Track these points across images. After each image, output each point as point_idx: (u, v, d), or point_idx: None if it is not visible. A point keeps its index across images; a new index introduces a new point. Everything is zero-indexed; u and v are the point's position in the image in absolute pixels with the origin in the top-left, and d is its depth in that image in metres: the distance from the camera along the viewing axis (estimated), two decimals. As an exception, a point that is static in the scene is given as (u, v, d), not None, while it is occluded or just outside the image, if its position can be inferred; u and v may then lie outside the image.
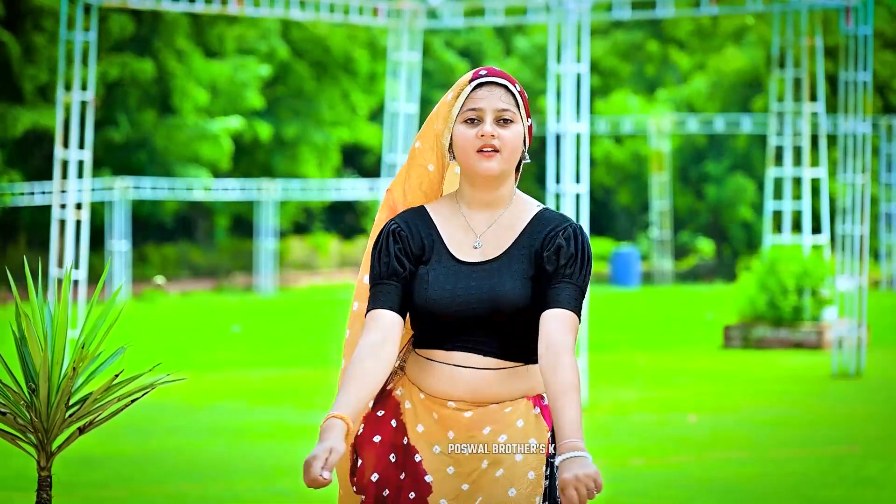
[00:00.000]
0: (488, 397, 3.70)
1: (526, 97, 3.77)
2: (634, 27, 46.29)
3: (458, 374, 3.70)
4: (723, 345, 19.67)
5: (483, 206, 3.76)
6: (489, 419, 3.69)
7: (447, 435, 3.71)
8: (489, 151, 3.68)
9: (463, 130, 3.71)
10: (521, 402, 3.72)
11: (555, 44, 13.87)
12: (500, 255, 3.72)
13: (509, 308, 3.67)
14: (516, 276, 3.69)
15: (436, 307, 3.69)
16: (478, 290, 3.68)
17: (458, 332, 3.70)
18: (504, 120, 3.71)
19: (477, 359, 3.69)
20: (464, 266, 3.72)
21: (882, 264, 36.50)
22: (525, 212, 3.77)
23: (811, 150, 21.16)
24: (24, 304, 3.83)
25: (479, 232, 3.75)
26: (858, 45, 16.14)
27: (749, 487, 9.12)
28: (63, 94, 15.71)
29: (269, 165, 40.00)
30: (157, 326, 23.62)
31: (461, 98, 3.72)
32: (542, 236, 3.72)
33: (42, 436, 3.76)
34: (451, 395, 3.71)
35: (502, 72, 3.75)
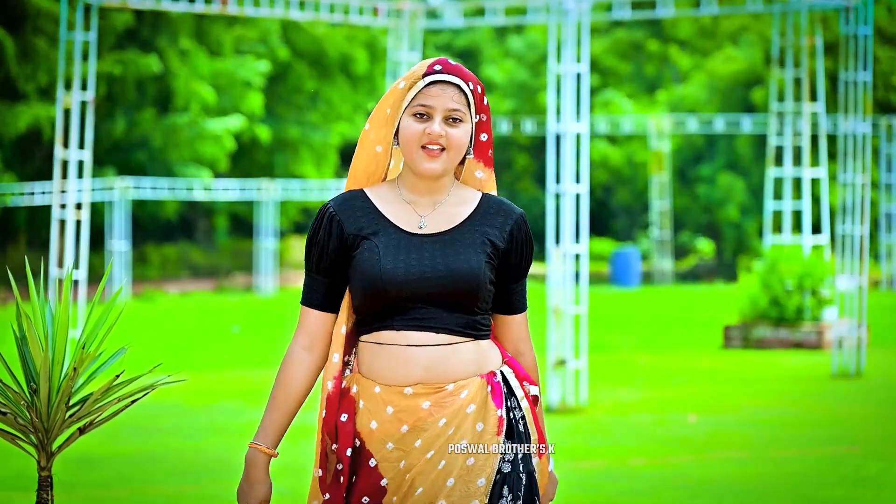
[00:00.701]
0: (444, 376, 3.68)
1: (480, 92, 3.76)
2: (634, 26, 46.29)
3: (412, 355, 3.67)
4: (723, 345, 19.67)
5: (425, 192, 3.77)
6: (445, 409, 3.67)
7: (401, 430, 3.68)
8: (434, 150, 3.69)
9: (410, 124, 3.71)
10: (475, 381, 3.71)
11: (555, 44, 13.87)
12: (451, 228, 3.73)
13: (467, 279, 3.67)
14: (470, 248, 3.70)
15: (390, 279, 3.66)
16: (432, 261, 3.68)
17: (409, 307, 3.67)
18: (453, 119, 3.71)
19: (429, 336, 3.68)
20: (414, 237, 3.71)
21: (882, 264, 36.50)
22: (469, 196, 3.80)
23: (811, 150, 21.16)
24: (25, 304, 3.83)
25: (424, 213, 3.76)
26: (858, 44, 16.14)
27: (749, 487, 9.12)
28: (63, 93, 15.71)
29: (269, 165, 40.01)
30: (157, 326, 23.62)
31: (413, 91, 3.72)
32: (496, 221, 3.76)
33: (42, 436, 3.77)
34: (407, 379, 3.68)
35: (457, 66, 3.75)
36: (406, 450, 3.68)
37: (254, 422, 12.21)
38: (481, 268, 3.69)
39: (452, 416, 3.67)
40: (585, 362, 13.47)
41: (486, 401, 3.70)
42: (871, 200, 29.41)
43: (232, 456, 10.50)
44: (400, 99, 3.75)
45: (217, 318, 26.12)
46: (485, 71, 48.34)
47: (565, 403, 13.15)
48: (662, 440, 11.28)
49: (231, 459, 10.33)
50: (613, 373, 16.14)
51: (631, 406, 13.43)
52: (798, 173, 19.76)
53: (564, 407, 13.09)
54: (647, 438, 11.37)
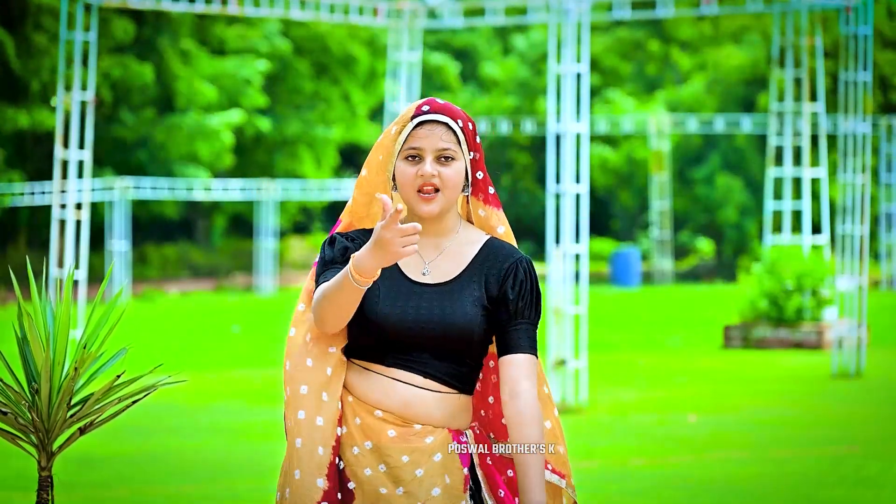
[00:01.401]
0: (417, 416, 3.72)
1: (471, 129, 3.76)
2: (635, 25, 46.29)
3: (394, 388, 3.72)
4: (723, 345, 19.67)
5: (431, 234, 3.78)
6: (408, 447, 3.70)
7: (364, 444, 3.72)
8: (429, 193, 3.70)
9: (404, 168, 3.73)
10: (442, 432, 3.73)
11: (555, 44, 13.87)
12: (451, 279, 3.75)
13: (460, 333, 3.70)
14: (468, 302, 3.72)
15: (386, 323, 3.70)
16: (429, 312, 3.70)
17: (402, 350, 3.72)
18: (444, 157, 3.72)
19: (416, 378, 3.71)
20: (415, 286, 3.74)
21: (882, 264, 36.50)
22: (473, 241, 3.80)
23: (811, 150, 21.16)
24: (27, 304, 3.83)
25: (428, 259, 3.77)
26: (858, 44, 16.14)
27: (749, 487, 9.12)
28: (63, 94, 15.71)
29: (270, 165, 40.01)
30: (157, 326, 23.62)
31: (403, 134, 3.74)
32: (494, 268, 3.75)
33: (43, 436, 3.77)
34: (382, 405, 3.72)
35: (446, 105, 3.76)
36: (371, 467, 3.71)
37: (254, 422, 12.22)
38: (476, 321, 3.71)
39: (419, 458, 3.71)
40: (585, 362, 13.47)
41: (452, 456, 3.73)
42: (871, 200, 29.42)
43: (232, 456, 10.50)
44: (392, 143, 3.77)
45: (217, 318, 26.12)
46: (484, 69, 48.34)
47: (565, 403, 13.16)
48: (662, 440, 11.28)
49: (231, 459, 10.34)
50: (613, 373, 16.14)
51: (631, 406, 13.43)
52: (798, 173, 19.77)
53: (564, 407, 13.09)
54: (647, 438, 11.37)
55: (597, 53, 44.86)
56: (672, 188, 42.21)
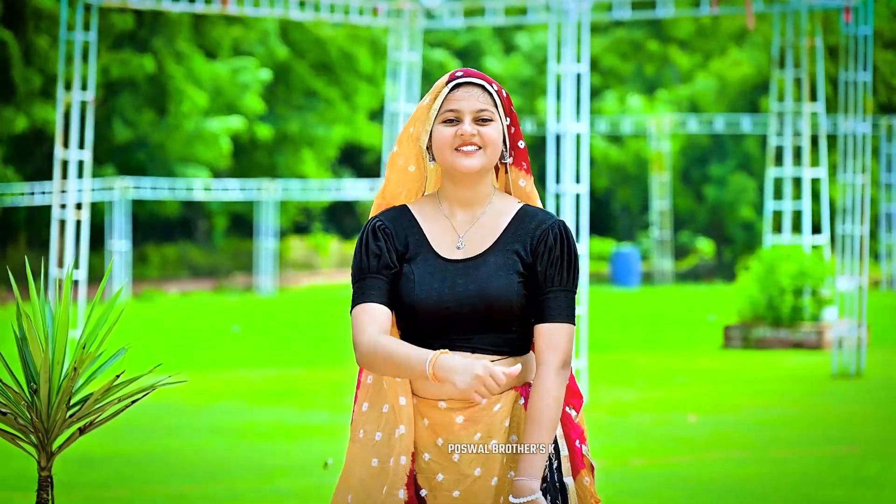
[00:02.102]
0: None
1: (505, 96, 3.78)
2: (634, 25, 46.29)
3: None
4: (723, 345, 19.67)
5: (464, 204, 3.76)
6: (478, 424, 3.69)
7: (436, 442, 3.71)
8: (470, 150, 3.70)
9: (442, 130, 3.72)
10: (509, 394, 3.73)
11: (555, 44, 13.87)
12: (484, 251, 3.72)
13: (498, 304, 3.67)
14: (502, 272, 3.69)
15: (424, 306, 3.68)
16: (465, 288, 3.68)
17: (447, 330, 3.69)
18: (483, 119, 3.72)
19: (467, 356, 3.67)
20: (449, 264, 3.71)
21: (882, 264, 36.51)
22: (507, 209, 3.79)
23: (811, 150, 21.15)
24: (26, 304, 3.83)
25: (462, 231, 3.75)
26: (858, 44, 16.14)
27: (749, 487, 9.12)
28: (63, 93, 15.71)
29: (270, 165, 40.01)
30: (157, 326, 23.62)
31: (439, 99, 3.73)
32: (527, 232, 3.74)
33: (42, 436, 3.77)
34: (440, 394, 3.69)
35: (479, 72, 3.77)
36: (443, 463, 3.70)
37: (254, 422, 12.22)
38: (513, 289, 3.69)
39: (487, 430, 3.70)
40: (585, 362, 13.47)
41: (519, 412, 3.73)
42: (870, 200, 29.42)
43: (232, 456, 10.50)
44: (425, 113, 3.76)
45: (217, 318, 26.12)
46: (486, 68, 48.34)
47: (565, 403, 13.14)
48: (662, 440, 11.28)
49: (231, 459, 10.34)
50: (613, 373, 16.14)
51: (631, 406, 13.43)
52: (798, 173, 19.77)
53: (564, 407, 13.07)
54: (647, 438, 11.37)
55: (596, 54, 44.85)
56: (672, 188, 42.21)
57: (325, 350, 19.22)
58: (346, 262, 43.94)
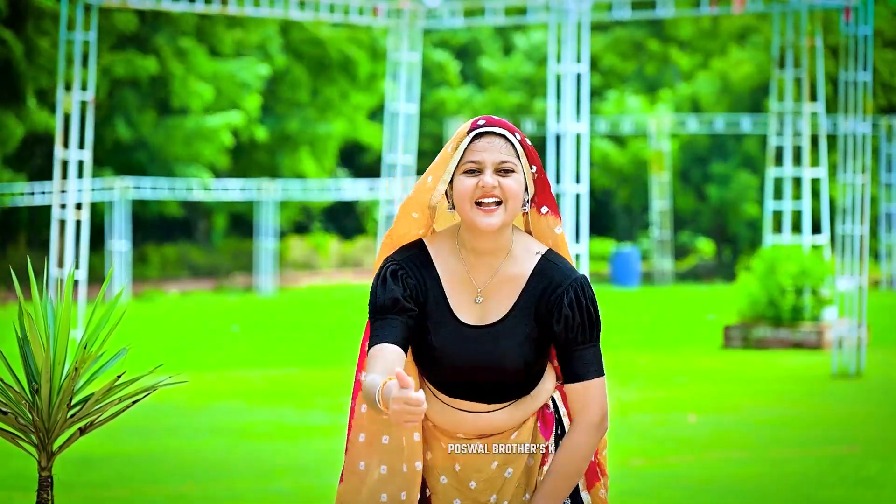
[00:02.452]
0: (495, 430, 3.74)
1: (528, 144, 3.71)
2: (634, 24, 46.29)
3: (462, 417, 3.72)
4: (723, 345, 19.67)
5: (483, 256, 3.71)
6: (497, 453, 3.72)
7: (454, 467, 3.73)
8: (490, 206, 3.64)
9: (463, 181, 3.65)
10: (528, 422, 3.75)
11: (555, 43, 13.88)
12: (501, 318, 3.70)
13: (514, 372, 3.68)
14: (517, 341, 3.68)
15: (441, 365, 3.69)
16: (480, 355, 3.67)
17: (462, 384, 3.71)
18: (504, 170, 3.66)
19: (481, 406, 3.71)
20: (466, 329, 3.69)
21: (882, 264, 36.51)
22: (526, 262, 3.71)
23: (811, 150, 21.15)
24: (27, 304, 3.83)
25: (480, 285, 3.71)
26: (858, 45, 16.14)
27: (749, 487, 9.12)
28: (63, 94, 15.71)
29: (270, 165, 40.01)
30: (157, 326, 23.62)
31: (461, 149, 3.67)
32: (545, 297, 3.69)
33: (43, 436, 3.77)
34: (458, 431, 3.73)
35: (501, 121, 3.70)
36: (461, 489, 3.72)
37: (254, 422, 12.22)
38: (528, 360, 3.69)
39: (506, 460, 3.72)
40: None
41: (535, 435, 3.75)
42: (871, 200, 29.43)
43: (232, 456, 10.50)
44: (446, 161, 3.70)
45: (217, 318, 26.12)
46: (485, 66, 48.34)
47: (565, 403, 13.15)
48: (662, 440, 11.28)
49: (231, 459, 10.34)
50: (613, 373, 16.14)
51: (631, 406, 13.43)
52: (798, 173, 19.77)
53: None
54: (647, 438, 11.37)
55: (596, 53, 44.85)
56: (672, 188, 42.20)
57: (325, 350, 19.22)
58: (345, 263, 43.97)
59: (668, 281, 40.57)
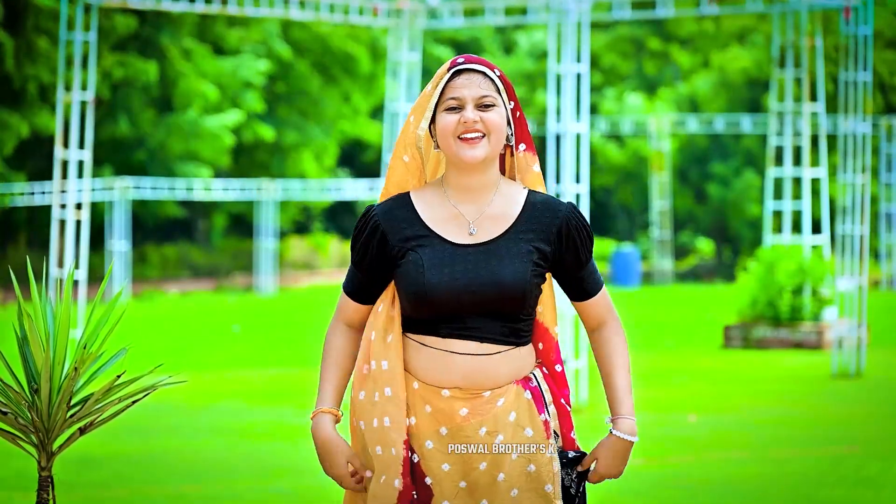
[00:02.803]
0: (481, 383, 3.69)
1: (507, 81, 3.74)
2: (635, 23, 46.29)
3: (452, 361, 3.67)
4: (723, 345, 19.67)
5: (470, 191, 3.73)
6: (484, 418, 3.68)
7: (439, 431, 3.69)
8: (473, 138, 3.67)
9: (444, 118, 3.69)
10: (511, 388, 3.71)
11: (555, 43, 13.87)
12: (497, 236, 3.70)
13: (512, 291, 3.66)
14: (517, 259, 3.67)
15: (435, 292, 3.65)
16: (477, 274, 3.65)
17: (455, 317, 3.67)
18: (485, 105, 3.69)
19: (472, 345, 3.67)
20: (459, 249, 3.69)
21: (882, 264, 36.50)
22: (515, 196, 3.75)
23: (811, 150, 21.15)
24: (27, 304, 3.83)
25: (472, 218, 3.72)
26: (858, 45, 16.14)
27: (749, 487, 9.12)
28: (63, 94, 15.70)
29: (270, 165, 40.01)
30: (157, 326, 23.62)
31: (440, 86, 3.70)
32: (544, 222, 3.72)
33: (43, 436, 3.77)
34: (444, 381, 3.68)
35: (480, 58, 3.74)
36: (448, 454, 3.69)
37: (254, 422, 12.22)
38: (526, 278, 3.67)
39: (493, 425, 3.69)
40: (585, 362, 13.47)
41: (529, 407, 3.73)
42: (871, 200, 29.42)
43: (232, 456, 10.50)
44: (427, 100, 3.73)
45: (217, 318, 26.12)
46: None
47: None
48: (662, 440, 11.28)
49: (231, 459, 10.33)
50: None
51: (631, 406, 13.41)
52: (798, 173, 19.77)
53: (564, 407, 13.08)
54: (647, 438, 11.36)
55: (596, 52, 44.85)
56: (672, 188, 42.20)
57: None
58: (346, 263, 43.94)
59: (668, 281, 40.56)
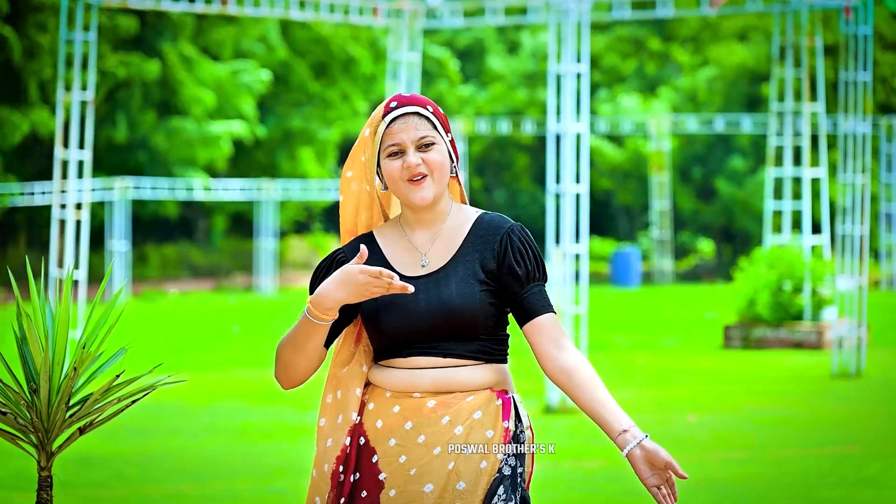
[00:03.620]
0: (452, 388, 3.76)
1: (442, 114, 3.83)
2: (635, 23, 46.29)
3: (419, 375, 3.76)
4: (723, 345, 19.66)
5: (424, 225, 3.83)
6: (449, 408, 3.74)
7: (404, 426, 3.75)
8: (418, 180, 3.75)
9: (389, 164, 3.78)
10: (483, 392, 3.77)
11: (555, 43, 13.87)
12: (444, 264, 3.79)
13: (461, 314, 3.73)
14: (462, 281, 3.75)
15: (391, 326, 3.75)
16: (426, 301, 3.74)
17: (416, 341, 3.76)
18: (425, 146, 3.77)
19: (437, 360, 3.76)
20: (410, 280, 3.77)
21: (882, 264, 36.51)
22: (464, 220, 3.84)
23: (811, 150, 21.15)
24: (26, 304, 3.83)
25: (424, 250, 3.81)
26: (858, 44, 16.14)
27: (749, 487, 9.12)
28: (63, 94, 15.70)
29: (269, 165, 40.02)
30: (157, 326, 23.62)
31: (378, 134, 3.80)
32: (488, 240, 3.79)
33: (42, 436, 3.76)
34: (415, 389, 3.77)
35: (412, 96, 3.82)
36: (407, 445, 3.75)
37: (254, 422, 12.23)
38: (475, 298, 3.74)
39: (457, 416, 3.74)
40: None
41: (496, 412, 3.77)
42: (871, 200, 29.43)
43: (232, 456, 10.50)
44: (370, 144, 3.82)
45: (217, 318, 26.12)
46: (487, 65, 48.33)
47: (565, 403, 13.15)
48: (662, 440, 11.27)
49: (231, 459, 10.34)
50: (613, 373, 16.14)
51: (631, 406, 13.42)
52: (798, 173, 19.77)
53: (565, 407, 13.09)
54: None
55: (596, 52, 44.85)
56: (672, 188, 42.19)
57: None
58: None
59: (668, 281, 40.56)
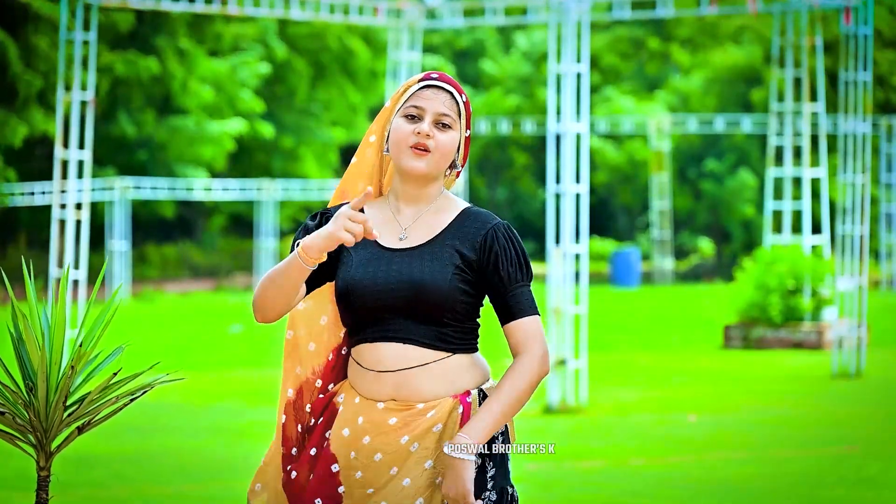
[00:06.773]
0: (413, 396, 3.74)
1: (469, 109, 3.84)
2: (635, 23, 46.29)
3: (384, 379, 3.74)
4: (723, 345, 19.66)
5: (411, 200, 3.82)
6: (409, 428, 3.73)
7: (363, 440, 3.75)
8: (420, 150, 3.75)
9: (401, 124, 3.78)
10: (446, 402, 3.75)
11: (555, 43, 13.86)
12: (423, 243, 3.78)
13: (430, 292, 3.71)
14: (438, 263, 3.74)
15: (356, 288, 3.74)
16: (398, 274, 3.73)
17: (381, 319, 3.74)
18: (443, 124, 3.77)
19: (398, 351, 3.72)
20: (386, 251, 3.77)
21: (882, 264, 36.50)
22: (451, 208, 3.84)
23: (811, 150, 21.14)
24: (22, 304, 3.82)
25: (406, 225, 3.81)
26: (858, 44, 16.14)
27: (749, 487, 9.12)
28: (63, 93, 15.70)
29: (269, 165, 40.01)
30: (156, 326, 23.62)
31: (408, 93, 3.80)
32: (472, 231, 3.78)
33: (41, 435, 3.76)
34: (381, 394, 3.75)
35: (452, 80, 3.83)
36: (365, 462, 3.74)
37: (254, 422, 12.22)
38: (446, 281, 3.72)
39: (416, 435, 3.73)
40: (585, 362, 13.46)
41: (455, 422, 3.74)
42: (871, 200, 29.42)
43: (232, 456, 10.50)
44: (394, 104, 3.83)
45: (217, 318, 26.12)
46: (486, 66, 48.32)
47: (565, 403, 13.15)
48: (662, 440, 11.28)
49: (231, 459, 10.33)
50: (613, 373, 16.14)
51: (631, 406, 13.42)
52: (798, 173, 19.76)
53: (564, 407, 13.09)
54: (647, 438, 11.36)
55: (596, 52, 44.84)
56: (672, 188, 42.19)
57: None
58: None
59: (668, 281, 40.56)
